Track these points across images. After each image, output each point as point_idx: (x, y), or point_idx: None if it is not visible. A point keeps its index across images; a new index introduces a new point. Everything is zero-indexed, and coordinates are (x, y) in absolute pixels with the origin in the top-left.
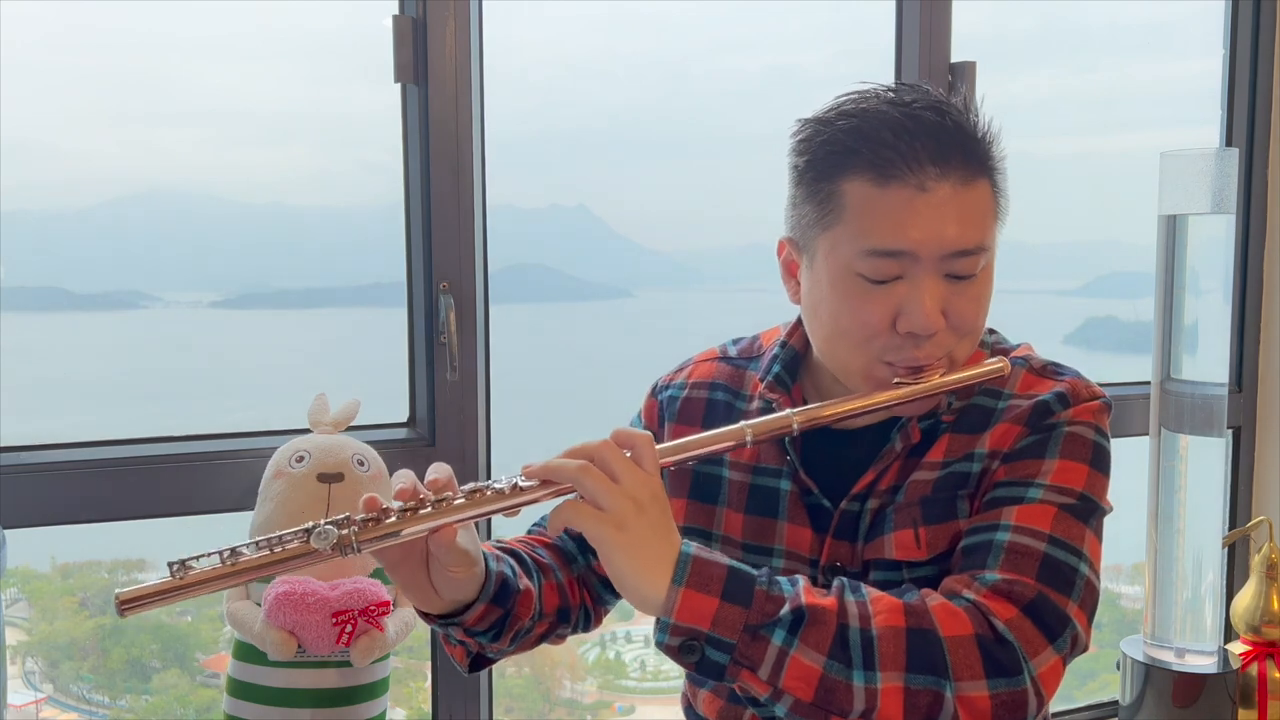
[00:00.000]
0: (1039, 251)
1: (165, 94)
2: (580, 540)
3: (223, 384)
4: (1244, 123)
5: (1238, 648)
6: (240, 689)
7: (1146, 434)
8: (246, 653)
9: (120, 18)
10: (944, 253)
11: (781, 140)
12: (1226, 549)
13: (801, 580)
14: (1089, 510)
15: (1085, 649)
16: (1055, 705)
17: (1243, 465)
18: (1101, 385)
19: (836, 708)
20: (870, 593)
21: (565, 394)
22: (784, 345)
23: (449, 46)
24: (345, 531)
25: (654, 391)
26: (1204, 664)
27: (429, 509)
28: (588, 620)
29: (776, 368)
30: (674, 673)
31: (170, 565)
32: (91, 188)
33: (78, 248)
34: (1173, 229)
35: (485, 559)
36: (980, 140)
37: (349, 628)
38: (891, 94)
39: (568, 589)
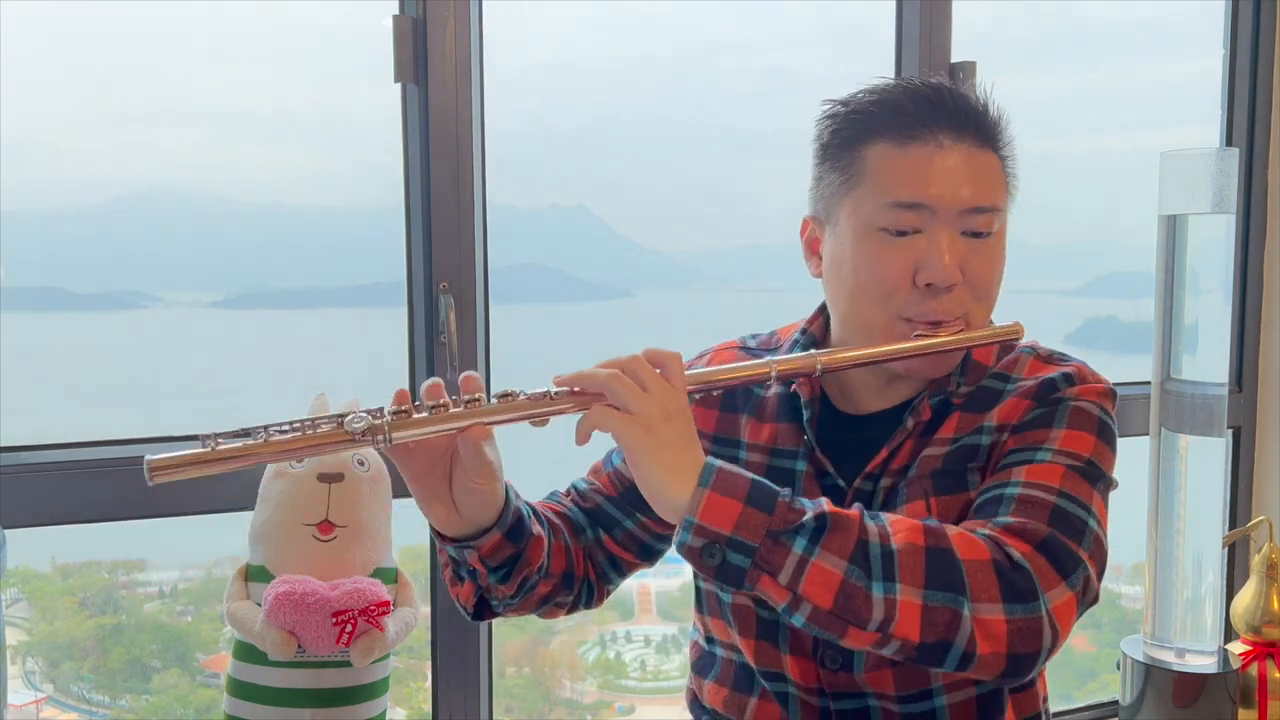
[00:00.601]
0: (1039, 251)
1: (165, 94)
2: (595, 513)
3: (223, 384)
4: (1244, 123)
5: (1238, 648)
6: (240, 689)
7: (1146, 434)
8: (246, 653)
9: (120, 18)
10: (960, 208)
11: (783, 139)
12: (1226, 549)
13: (824, 498)
14: (1096, 474)
15: (1096, 599)
16: (1055, 705)
17: (1243, 465)
18: None
19: (855, 616)
20: (889, 516)
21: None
22: (804, 331)
23: (449, 46)
24: (379, 420)
25: None
26: (1204, 664)
27: (460, 409)
28: (590, 595)
29: (797, 349)
30: (674, 673)
31: (201, 437)
32: (91, 188)
33: (78, 248)
34: (1173, 229)
35: (507, 490)
36: (993, 119)
37: (349, 627)
38: (911, 78)
39: (574, 556)
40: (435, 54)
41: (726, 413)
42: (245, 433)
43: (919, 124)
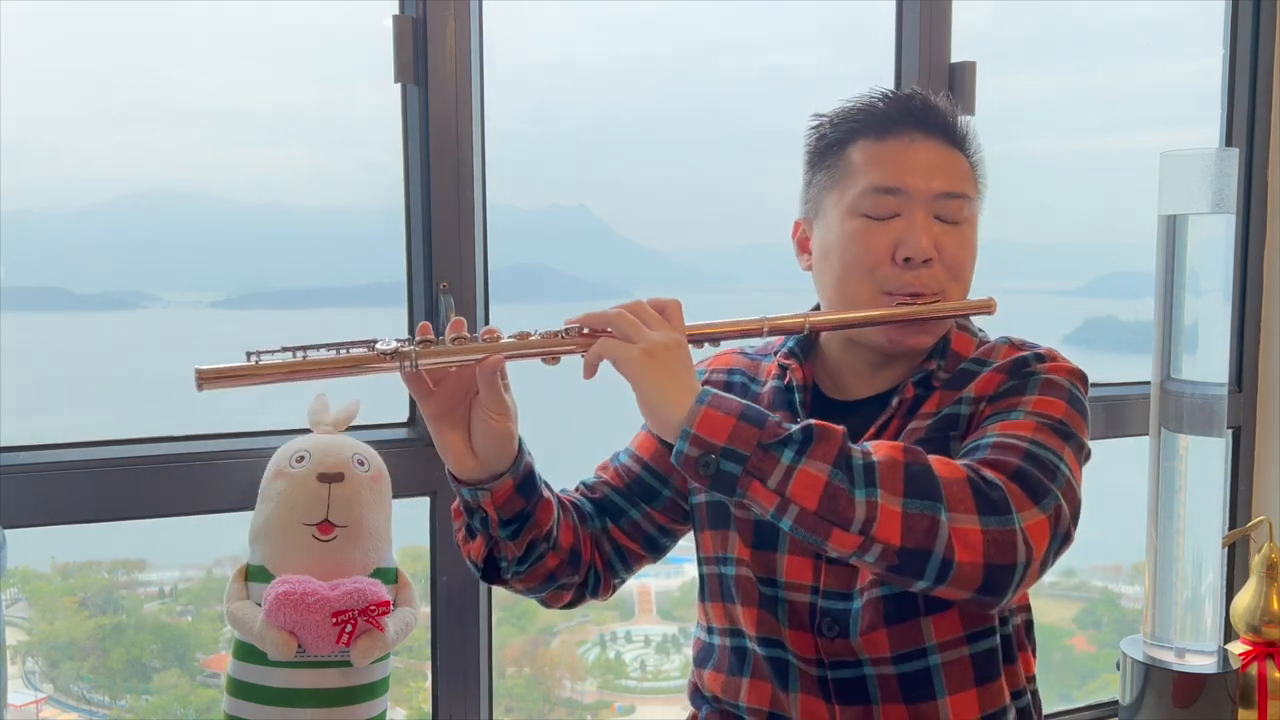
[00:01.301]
0: (1039, 251)
1: (165, 94)
2: (603, 503)
3: None
4: (1244, 123)
5: (1238, 648)
6: (240, 689)
7: (1146, 434)
8: (247, 653)
9: (120, 18)
10: (933, 193)
11: (783, 140)
12: (1226, 549)
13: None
14: (1067, 433)
15: (1069, 538)
16: (1055, 705)
17: (1243, 465)
18: (1101, 385)
19: (839, 517)
20: (871, 442)
21: (565, 394)
22: None
23: (449, 46)
24: (407, 347)
25: None
26: (1204, 664)
27: (479, 342)
28: (597, 584)
29: (791, 343)
30: (674, 673)
31: (248, 354)
32: (91, 188)
33: (78, 248)
34: (1173, 229)
35: (521, 445)
36: (961, 130)
37: (349, 628)
38: (888, 89)
39: (582, 538)
40: (435, 54)
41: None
42: (285, 350)
43: (895, 123)
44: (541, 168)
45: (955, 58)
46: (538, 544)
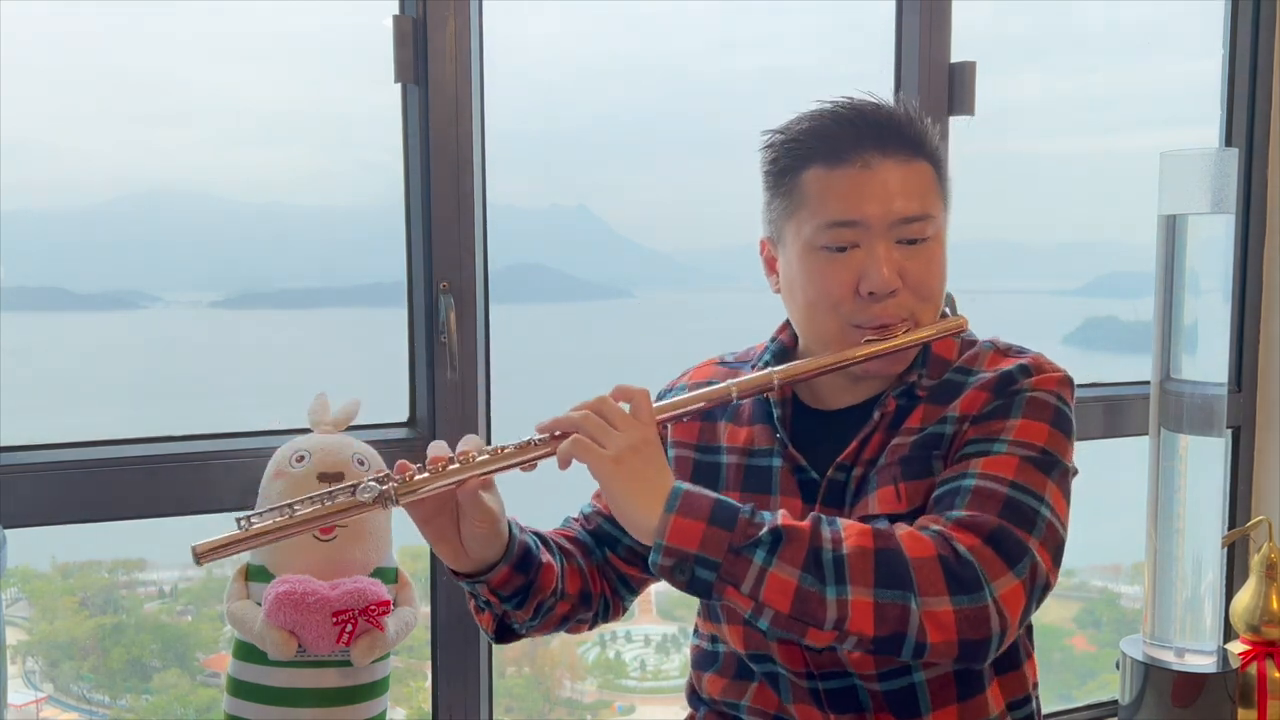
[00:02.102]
0: (1039, 251)
1: (165, 94)
2: (597, 534)
3: (223, 384)
4: (1244, 123)
5: (1237, 647)
6: (241, 689)
7: (1146, 434)
8: (247, 652)
9: (119, 17)
10: (891, 220)
11: None
12: (1226, 549)
13: (781, 511)
14: (1050, 463)
15: (1049, 586)
16: (1055, 705)
17: (1243, 465)
18: (1101, 385)
19: (812, 618)
20: (843, 522)
21: (565, 394)
22: (774, 340)
23: (449, 46)
24: (386, 486)
25: (658, 396)
26: (1204, 664)
27: (455, 466)
28: (608, 610)
29: (767, 356)
30: (674, 672)
31: (237, 520)
32: (91, 188)
33: (78, 248)
34: (1173, 229)
35: (510, 527)
36: (919, 131)
37: (349, 627)
38: (841, 99)
39: (589, 576)
40: (435, 54)
41: (707, 422)
42: (274, 509)
43: (846, 146)
44: (541, 168)
45: (955, 58)
46: (545, 603)
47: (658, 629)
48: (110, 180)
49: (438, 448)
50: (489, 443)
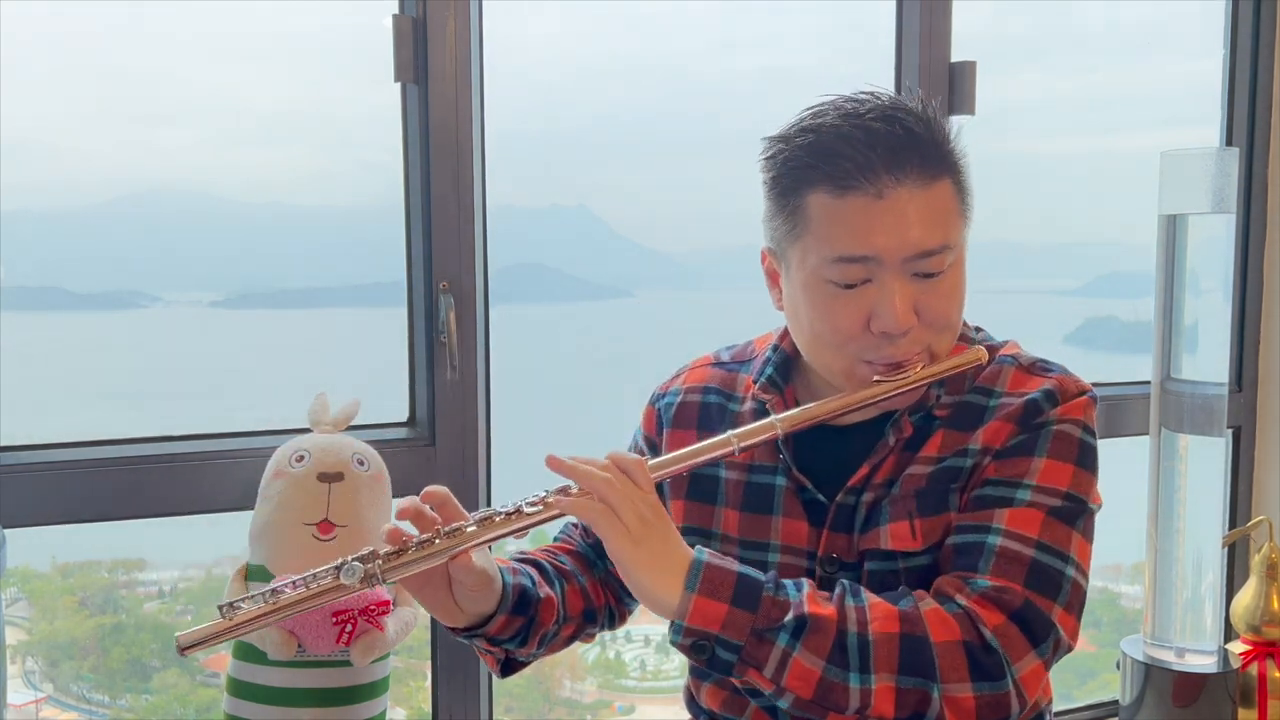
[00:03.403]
0: (1039, 251)
1: (165, 94)
2: (595, 546)
3: (223, 384)
4: (1244, 123)
5: (1238, 647)
6: (240, 689)
7: (1146, 434)
8: (246, 652)
9: (119, 17)
10: (907, 255)
11: None
12: (1226, 549)
13: (806, 586)
14: (1075, 511)
15: (1069, 650)
16: (1055, 705)
17: (1243, 465)
18: (1101, 385)
19: (833, 704)
20: (869, 598)
21: (565, 394)
22: (776, 349)
23: (449, 46)
24: (370, 566)
25: (652, 400)
26: (1204, 664)
27: (442, 540)
28: (613, 619)
29: (769, 370)
30: (674, 672)
31: (220, 608)
32: (91, 188)
33: (78, 248)
34: (1173, 229)
35: (502, 574)
36: (937, 141)
37: (349, 627)
38: (847, 105)
39: (591, 592)
40: (435, 54)
41: (704, 432)
42: (257, 595)
43: (855, 171)
44: (541, 168)
45: (955, 58)
46: (548, 634)
47: (658, 629)
48: (110, 180)
49: (407, 502)
50: (487, 451)
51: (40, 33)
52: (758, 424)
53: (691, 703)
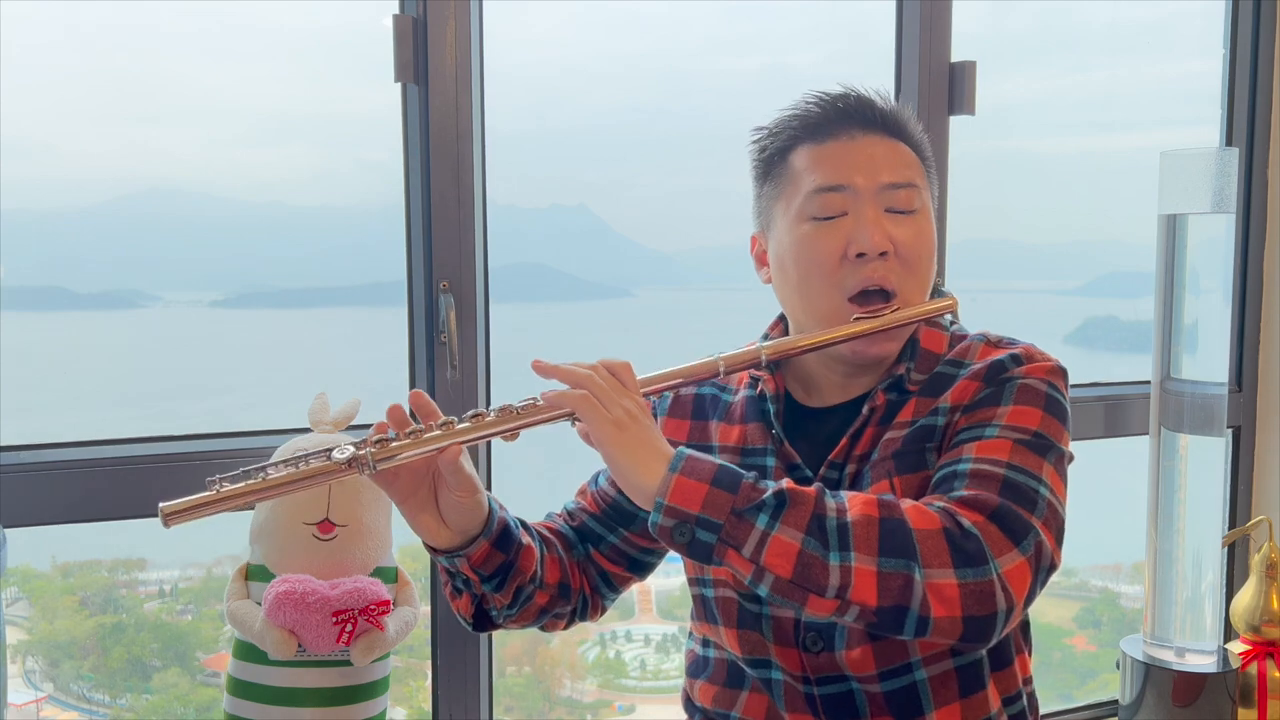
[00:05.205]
0: (1039, 251)
1: (165, 94)
2: (582, 530)
3: (223, 384)
4: (1244, 122)
5: (1237, 647)
6: (241, 688)
7: (1146, 434)
8: (247, 652)
9: (120, 17)
10: (879, 185)
11: None
12: (1226, 549)
13: (785, 478)
14: (1045, 446)
15: (1054, 566)
16: (1055, 705)
17: (1243, 465)
18: (1101, 385)
19: (813, 584)
20: (847, 493)
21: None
22: (766, 337)
23: (449, 46)
24: (362, 452)
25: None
26: (1204, 663)
27: (435, 432)
28: (586, 607)
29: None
30: (674, 672)
31: (208, 480)
32: (91, 188)
33: (78, 248)
34: (1173, 228)
35: (490, 503)
36: (899, 116)
37: (349, 627)
38: (824, 93)
39: (569, 568)
40: (435, 54)
41: (698, 421)
42: (245, 474)
43: (832, 124)
44: (541, 168)
45: (955, 58)
46: (524, 588)
47: (658, 629)
48: (111, 180)
49: (396, 412)
50: (487, 450)
51: (40, 33)
52: (744, 348)
53: (688, 703)
